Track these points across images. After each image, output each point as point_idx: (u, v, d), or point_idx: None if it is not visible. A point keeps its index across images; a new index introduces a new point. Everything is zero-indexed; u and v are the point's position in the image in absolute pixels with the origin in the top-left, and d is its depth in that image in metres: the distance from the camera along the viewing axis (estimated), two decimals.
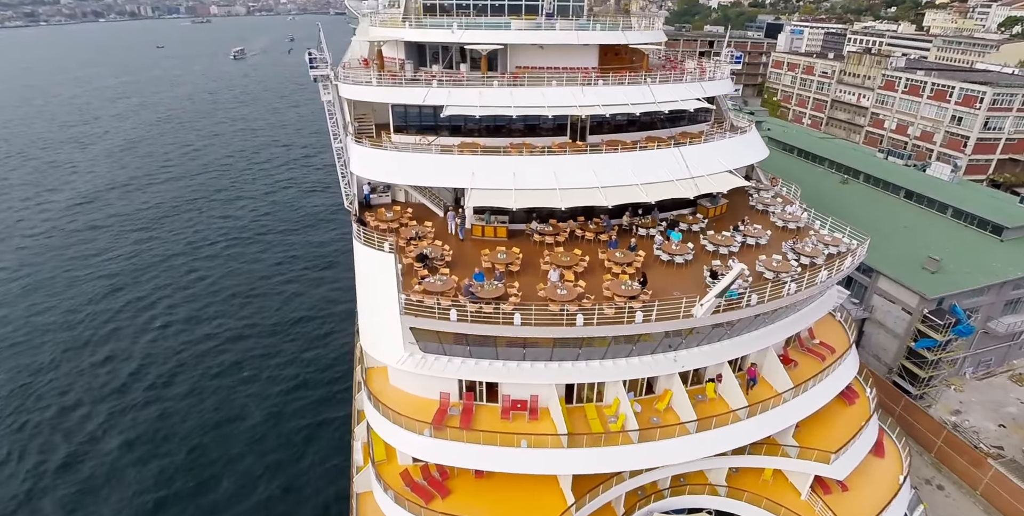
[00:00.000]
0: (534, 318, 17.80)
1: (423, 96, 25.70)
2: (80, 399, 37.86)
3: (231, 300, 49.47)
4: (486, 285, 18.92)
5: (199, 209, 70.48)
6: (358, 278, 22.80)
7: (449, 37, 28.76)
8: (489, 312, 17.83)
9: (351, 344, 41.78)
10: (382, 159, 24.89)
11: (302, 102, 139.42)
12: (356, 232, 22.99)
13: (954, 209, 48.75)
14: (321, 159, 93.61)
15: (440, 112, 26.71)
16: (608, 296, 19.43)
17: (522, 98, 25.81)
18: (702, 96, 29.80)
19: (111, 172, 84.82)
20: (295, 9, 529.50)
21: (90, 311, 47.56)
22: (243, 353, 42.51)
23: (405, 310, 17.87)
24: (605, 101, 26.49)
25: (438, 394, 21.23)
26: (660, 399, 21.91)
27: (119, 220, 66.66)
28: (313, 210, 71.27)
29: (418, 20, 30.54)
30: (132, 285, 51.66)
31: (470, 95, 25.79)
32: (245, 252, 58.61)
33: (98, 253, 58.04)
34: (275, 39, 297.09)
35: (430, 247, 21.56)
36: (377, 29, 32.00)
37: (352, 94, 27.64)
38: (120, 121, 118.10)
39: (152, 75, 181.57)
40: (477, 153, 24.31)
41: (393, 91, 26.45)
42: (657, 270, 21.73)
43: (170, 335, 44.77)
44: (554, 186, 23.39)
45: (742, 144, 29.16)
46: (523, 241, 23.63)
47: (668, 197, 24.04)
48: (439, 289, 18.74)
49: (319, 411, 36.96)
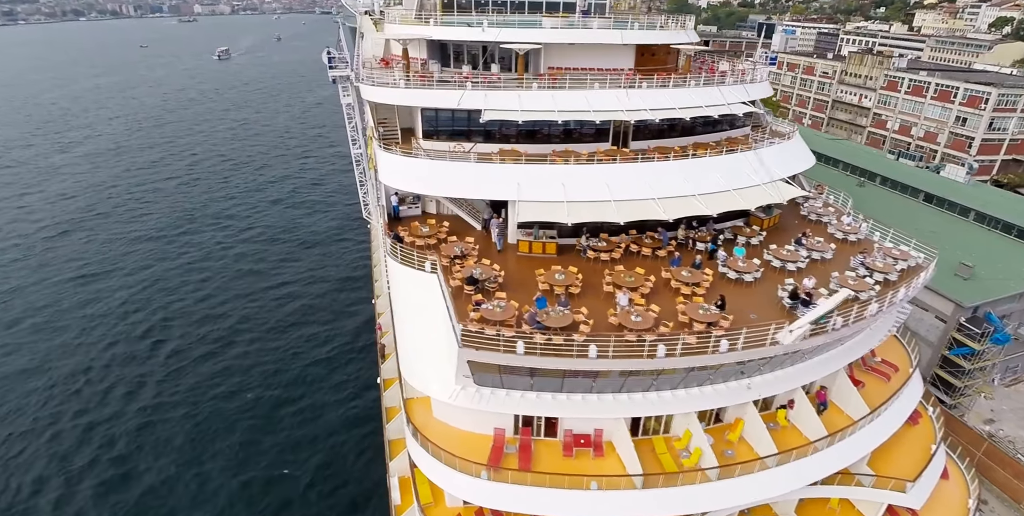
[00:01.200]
0: (612, 349, 15.91)
1: (457, 99, 23.72)
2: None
3: (232, 305, 46.92)
4: (551, 311, 16.99)
5: (193, 218, 67.54)
6: (394, 300, 20.79)
7: (480, 36, 26.82)
8: (560, 343, 15.91)
9: (364, 360, 39.65)
10: (416, 168, 22.86)
11: (294, 102, 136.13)
12: (390, 249, 20.95)
13: (976, 213, 47.79)
14: (317, 160, 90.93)
15: (475, 116, 24.80)
16: (684, 321, 17.64)
17: (565, 102, 23.93)
18: (746, 99, 28.23)
19: (92, 175, 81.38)
20: (280, 8, 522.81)
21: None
22: (243, 379, 39.83)
23: (464, 342, 15.88)
24: (651, 105, 24.71)
25: (489, 429, 19.26)
26: (731, 429, 20.16)
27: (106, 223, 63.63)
28: (320, 218, 68.60)
29: (442, 17, 28.61)
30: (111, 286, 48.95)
31: (508, 98, 23.86)
32: (247, 253, 55.99)
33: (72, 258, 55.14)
34: (261, 38, 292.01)
35: (479, 267, 19.56)
36: (398, 27, 29.93)
37: (377, 96, 25.58)
38: (106, 124, 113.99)
39: (136, 75, 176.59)
40: (520, 162, 22.35)
41: (424, 94, 24.44)
42: (724, 289, 19.98)
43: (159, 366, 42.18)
44: (608, 198, 21.57)
45: (790, 150, 27.58)
46: (574, 258, 21.72)
47: (730, 209, 22.34)
48: (499, 317, 16.77)
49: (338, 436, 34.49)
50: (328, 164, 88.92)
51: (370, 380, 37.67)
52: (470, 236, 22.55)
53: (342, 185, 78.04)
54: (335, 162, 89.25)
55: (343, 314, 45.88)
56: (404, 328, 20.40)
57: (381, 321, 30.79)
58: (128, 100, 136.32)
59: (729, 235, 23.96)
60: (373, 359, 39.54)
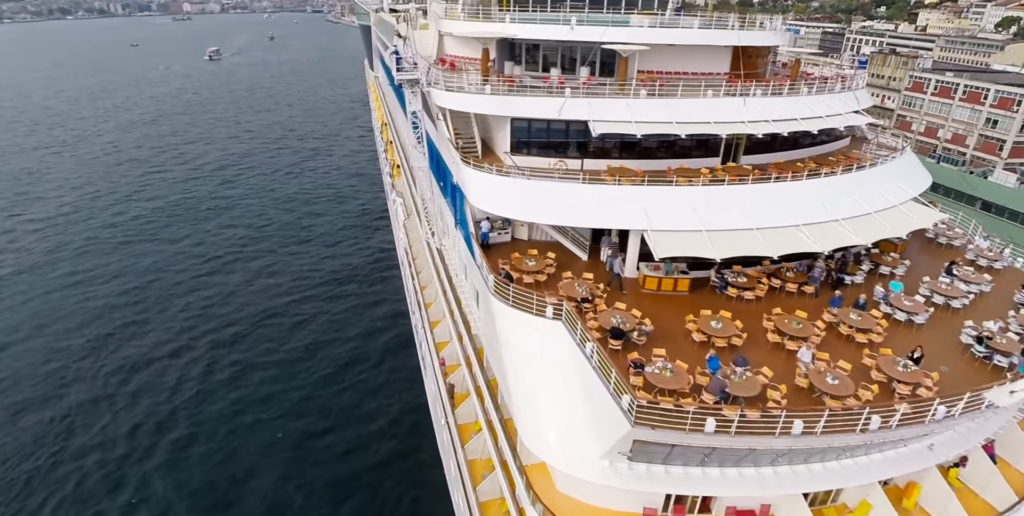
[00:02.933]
0: (821, 424, 12.87)
1: (558, 108, 20.57)
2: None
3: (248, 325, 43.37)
4: (733, 375, 13.92)
5: (195, 220, 63.61)
6: (505, 350, 17.56)
7: (570, 35, 23.70)
8: (755, 419, 12.85)
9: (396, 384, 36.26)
10: (515, 190, 19.64)
11: (294, 102, 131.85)
12: (494, 287, 17.76)
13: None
14: (326, 161, 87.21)
15: (574, 127, 21.73)
16: (879, 379, 14.68)
17: (682, 112, 20.89)
18: (858, 108, 25.43)
19: (91, 178, 77.03)
20: (271, 6, 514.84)
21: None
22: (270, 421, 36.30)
23: (638, 420, 12.76)
24: (772, 115, 21.73)
25: (633, 507, 16.11)
26: (907, 495, 17.22)
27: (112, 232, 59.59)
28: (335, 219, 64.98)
29: (514, 13, 25.54)
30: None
31: (616, 108, 20.76)
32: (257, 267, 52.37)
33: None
34: (254, 37, 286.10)
35: (617, 313, 16.42)
36: (464, 24, 26.68)
37: (456, 103, 22.34)
38: (98, 123, 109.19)
39: (131, 75, 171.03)
40: (640, 182, 19.17)
41: (516, 101, 21.25)
42: (892, 334, 17.06)
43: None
44: (747, 225, 18.55)
45: (911, 167, 24.76)
46: (710, 297, 18.65)
47: (883, 237, 19.42)
48: (671, 383, 13.68)
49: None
50: (343, 170, 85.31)
51: (403, 406, 34.77)
52: (587, 272, 19.35)
53: (362, 190, 74.84)
54: (349, 167, 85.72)
55: (375, 331, 42.83)
56: (518, 384, 17.19)
57: (445, 354, 27.53)
58: (123, 99, 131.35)
59: (868, 265, 21.02)
60: (405, 382, 36.75)
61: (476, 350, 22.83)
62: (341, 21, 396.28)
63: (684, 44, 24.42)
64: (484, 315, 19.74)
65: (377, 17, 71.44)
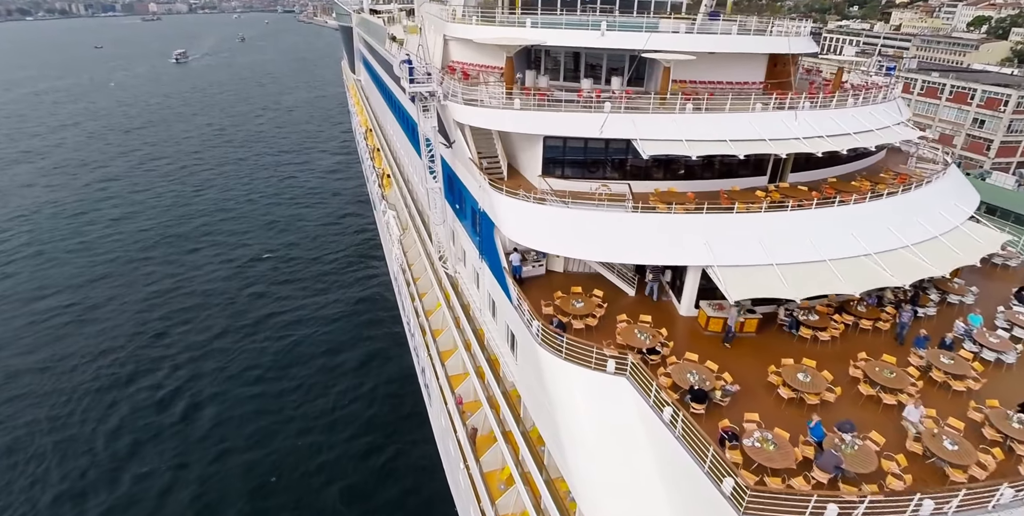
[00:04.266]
0: (955, 504, 11.04)
1: (599, 126, 18.48)
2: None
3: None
4: (842, 445, 12.00)
5: (186, 239, 59.84)
6: (558, 409, 15.35)
7: (600, 42, 21.65)
8: (880, 500, 10.95)
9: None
10: (557, 221, 17.46)
11: (270, 105, 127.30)
12: (538, 335, 15.58)
13: None
14: (305, 166, 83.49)
15: (614, 146, 19.69)
16: (994, 438, 12.95)
17: (731, 128, 19.01)
18: (902, 119, 23.95)
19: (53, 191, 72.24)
20: (240, 6, 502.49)
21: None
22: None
23: (747, 510, 10.73)
24: (822, 130, 20.01)
25: None
26: None
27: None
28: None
29: (514, 15, 23.52)
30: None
31: (663, 125, 18.76)
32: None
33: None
34: (223, 38, 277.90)
35: (694, 369, 14.37)
36: (478, 28, 24.42)
37: (480, 120, 20.08)
38: (62, 131, 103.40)
39: (95, 78, 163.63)
40: (697, 210, 17.12)
41: (551, 118, 19.09)
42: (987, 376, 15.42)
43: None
44: (819, 257, 16.72)
45: (960, 184, 23.35)
46: (779, 338, 16.74)
47: (959, 265, 17.81)
48: (776, 460, 11.68)
49: None
50: (323, 178, 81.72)
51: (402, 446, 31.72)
52: (643, 314, 17.23)
53: (343, 200, 71.49)
54: (329, 176, 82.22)
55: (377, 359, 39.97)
56: (575, 451, 14.98)
57: (461, 391, 25.16)
58: (89, 103, 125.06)
59: (935, 293, 19.41)
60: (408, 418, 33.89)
61: (505, 391, 20.64)
62: (313, 21, 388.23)
63: (725, 52, 22.66)
64: (524, 363, 17.55)
65: (360, 18, 68.28)
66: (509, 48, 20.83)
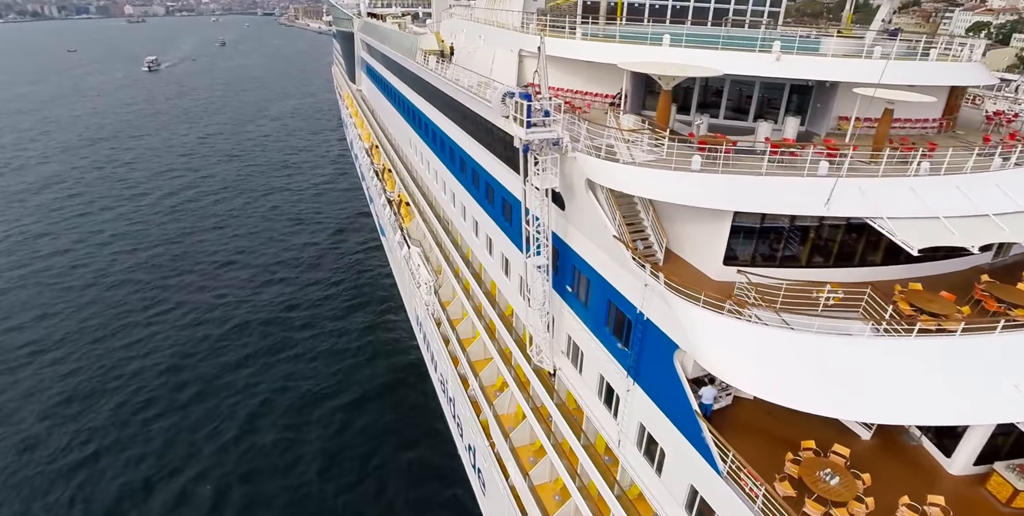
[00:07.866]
0: None
1: (824, 198, 12.72)
2: None
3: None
4: None
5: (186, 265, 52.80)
6: None
7: (770, 69, 16.04)
8: None
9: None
10: (796, 354, 11.39)
11: (257, 117, 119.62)
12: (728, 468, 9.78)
13: None
14: (297, 182, 76.61)
15: (812, 225, 14.04)
16: None
17: (981, 196, 13.53)
18: None
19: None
20: (219, 9, 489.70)
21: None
22: None
23: None
24: None
25: None
26: None
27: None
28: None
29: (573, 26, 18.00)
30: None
31: (901, 194, 13.17)
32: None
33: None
34: (202, 42, 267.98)
35: None
36: (575, 43, 18.73)
37: (634, 184, 14.06)
38: (33, 142, 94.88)
39: (69, 85, 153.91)
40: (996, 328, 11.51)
41: (746, 185, 13.20)
42: None
43: None
44: None
45: None
46: None
47: None
48: None
49: None
50: (313, 200, 74.89)
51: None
52: (933, 491, 11.48)
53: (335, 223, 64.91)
54: (321, 198, 75.41)
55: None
56: None
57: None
58: (60, 111, 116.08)
59: None
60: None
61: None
62: (295, 25, 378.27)
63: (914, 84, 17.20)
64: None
65: (365, 23, 61.39)
66: (667, 79, 14.92)
